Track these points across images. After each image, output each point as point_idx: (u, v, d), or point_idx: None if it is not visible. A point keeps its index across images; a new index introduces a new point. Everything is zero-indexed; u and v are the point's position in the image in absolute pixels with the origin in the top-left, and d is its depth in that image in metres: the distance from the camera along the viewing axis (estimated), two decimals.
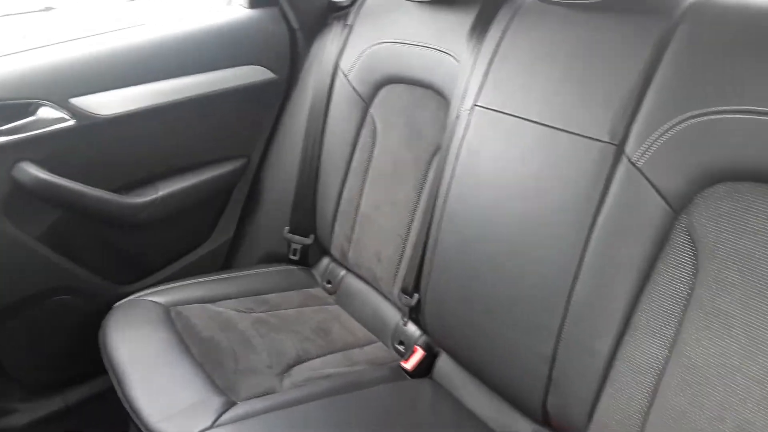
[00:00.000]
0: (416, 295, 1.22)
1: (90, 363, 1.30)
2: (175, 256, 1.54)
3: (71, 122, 1.26)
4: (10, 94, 1.20)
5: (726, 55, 0.80)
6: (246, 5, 1.50)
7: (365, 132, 1.41)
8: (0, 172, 1.22)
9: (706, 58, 0.81)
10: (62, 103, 1.24)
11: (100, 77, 1.30)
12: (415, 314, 1.26)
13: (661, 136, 0.83)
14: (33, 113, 1.23)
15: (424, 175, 1.27)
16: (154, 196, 1.41)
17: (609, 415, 0.89)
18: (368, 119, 1.41)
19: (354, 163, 1.43)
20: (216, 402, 1.03)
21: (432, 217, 1.18)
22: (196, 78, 1.41)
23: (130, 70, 1.34)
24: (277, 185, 1.59)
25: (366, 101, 1.41)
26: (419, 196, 1.28)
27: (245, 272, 1.51)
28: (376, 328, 1.37)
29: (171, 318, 1.26)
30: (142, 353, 1.16)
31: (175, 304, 1.31)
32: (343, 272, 1.50)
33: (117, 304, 1.31)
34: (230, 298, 1.38)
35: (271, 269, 1.54)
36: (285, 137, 1.57)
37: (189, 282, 1.42)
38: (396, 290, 1.30)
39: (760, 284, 0.75)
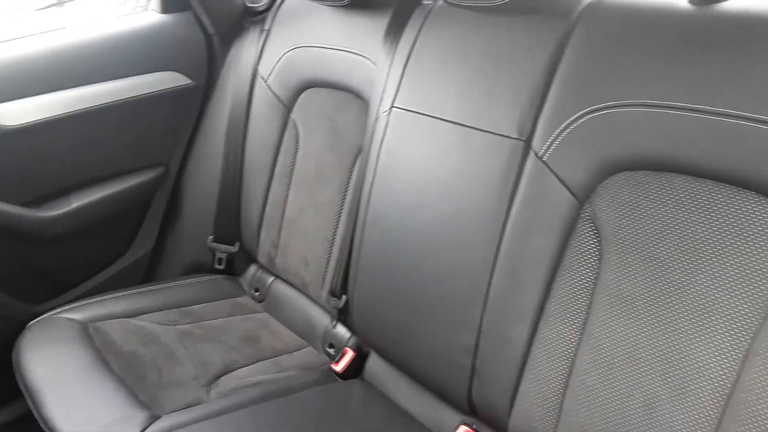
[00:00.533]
0: (344, 297, 1.23)
1: (4, 388, 1.23)
2: (93, 271, 1.48)
3: None
4: None
5: (619, 52, 0.85)
6: (158, 10, 1.47)
7: (288, 136, 1.41)
8: None
9: (601, 55, 0.87)
10: None
11: (7, 86, 1.24)
12: (343, 316, 1.27)
13: (563, 130, 0.88)
14: None
15: (348, 178, 1.28)
16: (67, 209, 1.35)
17: (529, 400, 0.92)
18: (290, 124, 1.40)
19: (278, 168, 1.43)
20: (139, 417, 1.00)
21: (356, 218, 1.19)
22: (109, 85, 1.37)
23: (39, 77, 1.28)
24: (199, 193, 1.56)
25: (287, 106, 1.40)
26: (344, 198, 1.29)
27: (168, 284, 1.47)
28: (305, 333, 1.37)
29: (89, 335, 1.22)
30: (58, 372, 1.11)
31: (94, 320, 1.26)
32: (271, 279, 1.49)
33: (31, 323, 1.25)
34: (152, 312, 1.35)
35: (195, 280, 1.51)
36: (205, 144, 1.55)
37: (108, 297, 1.36)
38: (324, 293, 1.31)
39: (658, 266, 0.80)
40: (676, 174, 0.80)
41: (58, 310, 1.28)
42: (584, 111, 0.86)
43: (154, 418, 1.01)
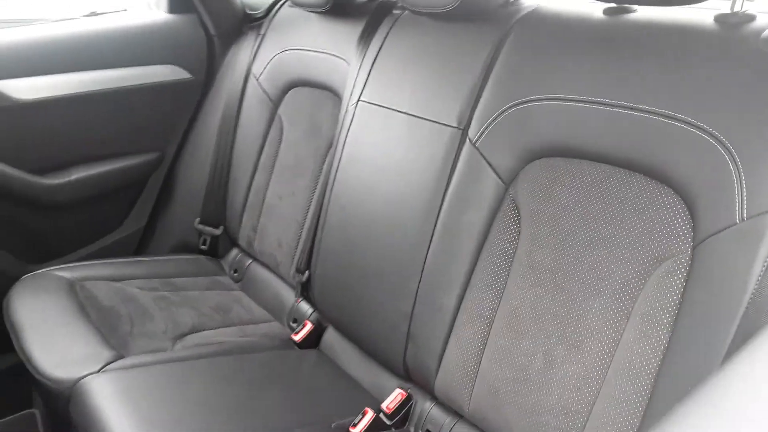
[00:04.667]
0: (307, 272, 1.35)
1: (2, 338, 1.34)
2: (86, 240, 1.61)
3: None
4: None
5: (543, 54, 0.98)
6: (166, 10, 1.63)
7: (273, 130, 1.55)
8: None
9: (528, 57, 1.00)
10: None
11: (22, 63, 1.39)
12: (306, 291, 1.38)
13: (493, 121, 1.00)
14: None
15: (321, 166, 1.41)
16: (67, 179, 1.49)
17: (453, 361, 1.02)
18: (276, 119, 1.54)
19: (262, 159, 1.56)
20: (106, 354, 1.12)
21: (323, 201, 1.31)
22: (115, 72, 1.52)
23: (52, 58, 1.43)
24: (190, 179, 1.70)
25: (275, 102, 1.54)
26: (316, 184, 1.41)
27: (154, 258, 1.60)
28: (274, 309, 1.48)
29: (75, 290, 1.34)
30: (41, 316, 1.23)
31: (81, 279, 1.39)
32: (249, 261, 1.61)
33: (24, 276, 1.37)
34: (136, 278, 1.47)
35: (180, 257, 1.64)
36: (199, 134, 1.69)
37: (97, 262, 1.50)
38: (292, 271, 1.42)
39: (562, 239, 0.91)
40: (581, 160, 0.91)
41: (50, 267, 1.41)
42: (511, 104, 0.99)
43: (118, 357, 1.13)
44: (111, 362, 1.10)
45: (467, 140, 1.04)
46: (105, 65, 1.50)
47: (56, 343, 1.15)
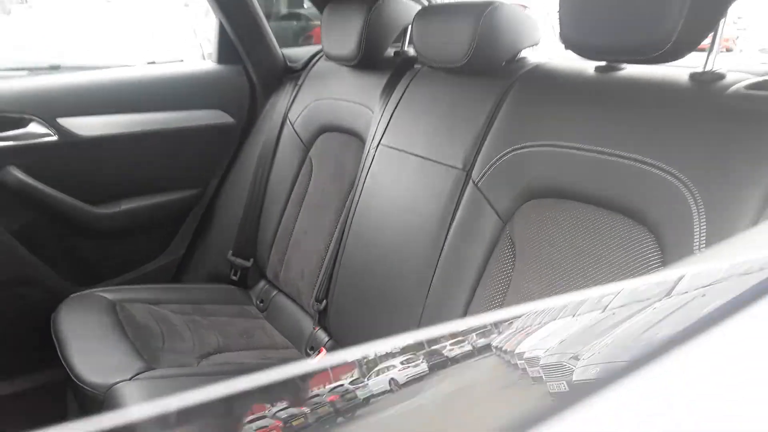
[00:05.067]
0: (325, 301, 1.45)
1: (41, 354, 1.47)
2: (129, 266, 1.75)
3: (55, 138, 1.52)
4: (6, 107, 1.46)
5: (541, 105, 1.08)
6: (215, 60, 1.81)
7: (304, 171, 1.68)
8: None
9: (527, 107, 1.10)
10: (50, 121, 1.50)
11: (85, 103, 1.57)
12: (323, 319, 1.48)
13: (494, 164, 1.10)
14: (24, 126, 1.49)
15: (344, 203, 1.52)
16: (116, 210, 1.65)
17: None
18: (307, 161, 1.68)
19: (292, 197, 1.69)
20: (137, 365, 1.23)
21: (343, 233, 1.42)
22: (166, 114, 1.69)
23: (111, 100, 1.61)
24: (226, 214, 1.84)
25: (307, 146, 1.68)
26: (338, 220, 1.53)
27: (189, 285, 1.73)
28: (293, 336, 1.58)
29: (115, 309, 1.47)
30: (84, 331, 1.36)
31: (122, 300, 1.52)
32: (274, 293, 1.72)
33: (72, 295, 1.51)
34: (171, 303, 1.59)
35: (212, 286, 1.76)
36: (237, 173, 1.84)
37: (137, 286, 1.63)
38: (312, 300, 1.52)
39: (552, 271, 0.99)
40: (570, 200, 1.00)
41: (95, 289, 1.55)
42: (510, 149, 1.09)
43: (149, 368, 1.23)
44: (142, 372, 1.21)
45: (470, 181, 1.14)
46: (158, 108, 1.67)
47: (95, 353, 1.27)
